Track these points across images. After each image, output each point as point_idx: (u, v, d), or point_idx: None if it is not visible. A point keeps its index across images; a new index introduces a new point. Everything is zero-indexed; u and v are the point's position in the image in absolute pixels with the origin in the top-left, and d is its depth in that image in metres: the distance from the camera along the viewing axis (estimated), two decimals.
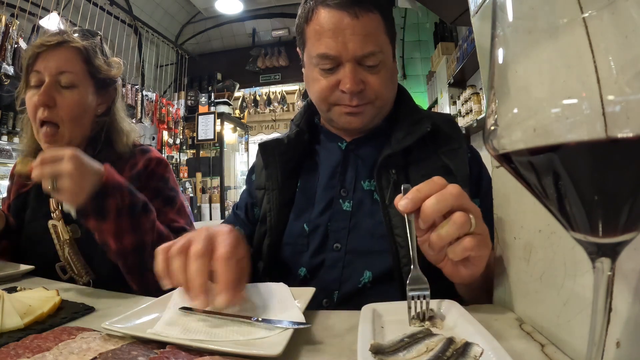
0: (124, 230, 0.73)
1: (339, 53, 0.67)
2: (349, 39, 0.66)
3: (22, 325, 0.47)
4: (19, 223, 0.92)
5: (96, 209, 0.70)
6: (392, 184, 0.69)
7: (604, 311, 0.23)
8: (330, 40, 0.67)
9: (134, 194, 0.76)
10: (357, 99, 0.70)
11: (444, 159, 0.72)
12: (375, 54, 0.68)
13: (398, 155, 0.71)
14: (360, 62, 0.68)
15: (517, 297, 0.50)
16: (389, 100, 0.76)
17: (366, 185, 0.74)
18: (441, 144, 0.74)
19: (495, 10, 0.23)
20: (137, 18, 4.57)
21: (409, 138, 0.72)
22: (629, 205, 0.20)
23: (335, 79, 0.69)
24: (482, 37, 0.57)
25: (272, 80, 5.64)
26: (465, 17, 1.81)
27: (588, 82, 0.19)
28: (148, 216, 0.77)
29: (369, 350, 0.37)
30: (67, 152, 0.66)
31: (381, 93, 0.72)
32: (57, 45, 0.84)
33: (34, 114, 0.83)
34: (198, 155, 5.25)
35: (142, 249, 0.75)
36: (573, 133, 0.19)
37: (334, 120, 0.76)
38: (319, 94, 0.72)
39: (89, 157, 0.69)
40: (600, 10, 0.19)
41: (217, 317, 0.47)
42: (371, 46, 0.67)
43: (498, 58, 0.23)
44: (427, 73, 4.45)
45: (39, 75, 0.83)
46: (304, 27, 0.73)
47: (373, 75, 0.69)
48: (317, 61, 0.70)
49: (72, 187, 0.66)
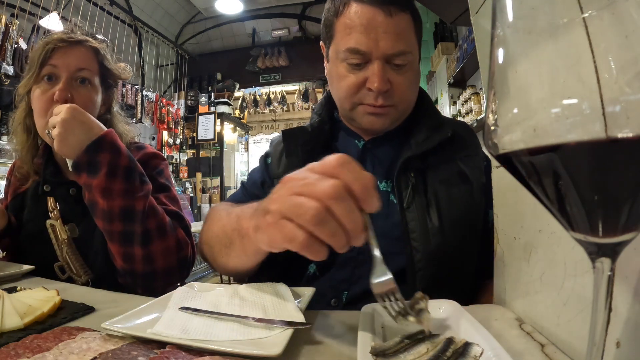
0: (114, 190, 0.72)
1: (369, 49, 0.66)
2: (381, 36, 0.65)
3: (22, 325, 0.47)
4: (17, 223, 0.91)
5: (88, 161, 0.71)
6: (410, 187, 0.68)
7: (604, 311, 0.23)
8: (362, 35, 0.66)
9: (132, 160, 0.76)
10: (382, 99, 0.69)
11: (460, 165, 0.72)
12: (405, 53, 0.68)
13: (417, 158, 0.71)
14: (388, 61, 0.68)
15: (517, 297, 0.50)
16: (412, 103, 0.76)
17: (382, 186, 0.73)
18: (458, 150, 0.73)
19: (495, 11, 0.23)
20: (137, 18, 4.58)
21: (429, 142, 0.71)
22: (629, 205, 0.20)
23: (363, 75, 0.68)
24: (482, 37, 0.57)
25: (272, 80, 5.65)
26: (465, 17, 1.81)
27: (588, 82, 0.19)
28: (143, 186, 0.76)
29: (369, 352, 0.37)
30: (68, 104, 0.67)
31: (406, 95, 0.71)
32: (77, 43, 0.85)
33: (45, 110, 0.81)
34: (198, 155, 5.25)
35: (130, 216, 0.72)
36: (573, 133, 0.19)
37: (355, 119, 0.75)
38: (345, 91, 0.71)
39: (90, 116, 0.71)
40: (600, 10, 0.19)
41: (217, 317, 0.47)
42: (402, 45, 0.67)
43: (498, 58, 0.23)
44: (427, 73, 4.44)
45: (54, 70, 0.83)
46: (333, 20, 0.71)
47: (400, 76, 0.69)
48: (345, 55, 0.69)
49: (62, 133, 0.67)
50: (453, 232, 0.66)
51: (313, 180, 0.39)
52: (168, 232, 0.78)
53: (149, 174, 0.88)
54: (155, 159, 0.95)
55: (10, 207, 0.93)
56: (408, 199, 0.68)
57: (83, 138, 0.71)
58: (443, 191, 0.69)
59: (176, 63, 5.68)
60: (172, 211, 0.85)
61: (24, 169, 0.92)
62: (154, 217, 0.76)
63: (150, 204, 0.77)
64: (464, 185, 0.70)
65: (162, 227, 0.77)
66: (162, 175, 0.93)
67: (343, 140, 0.80)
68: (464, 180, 0.70)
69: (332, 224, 0.38)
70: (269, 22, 5.51)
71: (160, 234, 0.76)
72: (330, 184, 0.38)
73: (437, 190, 0.69)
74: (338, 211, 0.38)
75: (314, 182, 0.39)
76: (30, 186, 0.92)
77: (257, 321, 0.45)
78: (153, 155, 0.95)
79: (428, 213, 0.67)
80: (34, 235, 0.87)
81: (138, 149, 0.95)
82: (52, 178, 0.90)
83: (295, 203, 0.39)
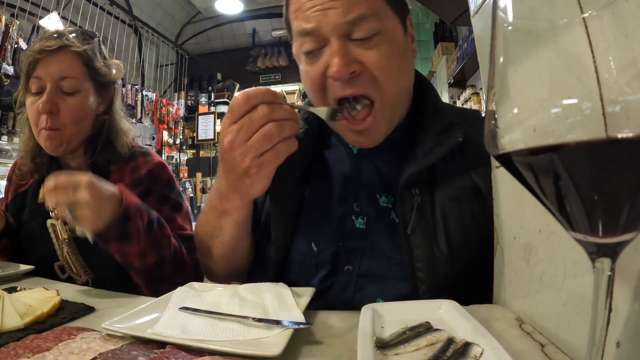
0: (146, 250, 0.74)
1: (318, 23, 0.55)
2: (328, 4, 0.54)
3: (22, 325, 0.47)
4: (17, 223, 0.92)
5: (119, 233, 0.70)
6: (415, 209, 0.58)
7: (604, 311, 0.23)
8: (308, 11, 0.55)
9: (149, 211, 0.76)
10: (351, 86, 0.56)
11: (474, 176, 0.60)
12: (365, 18, 0.54)
13: (423, 171, 0.59)
14: (350, 36, 0.55)
15: (517, 297, 0.50)
16: (403, 88, 0.62)
17: (383, 201, 0.63)
18: (471, 158, 0.60)
19: (495, 10, 0.23)
20: (137, 18, 4.57)
21: (436, 151, 0.59)
22: (629, 205, 0.20)
23: (322, 63, 0.56)
24: (482, 37, 0.57)
25: (272, 80, 5.64)
26: (465, 17, 1.81)
27: (588, 82, 0.19)
28: (164, 231, 0.79)
29: (374, 344, 0.37)
30: (83, 179, 0.64)
31: (387, 76, 0.56)
32: (57, 50, 0.83)
33: (36, 120, 0.83)
34: (198, 155, 5.25)
35: (162, 264, 0.76)
36: (573, 133, 0.19)
37: (340, 134, 0.65)
38: (311, 90, 0.61)
39: (103, 181, 0.68)
40: (600, 10, 0.19)
41: (217, 317, 0.47)
42: (359, 8, 0.54)
43: (498, 58, 0.23)
44: (427, 73, 4.44)
45: (39, 82, 0.83)
46: (287, 15, 0.62)
47: (370, 51, 0.55)
48: (299, 44, 0.59)
49: (92, 215, 0.65)
50: (464, 260, 0.57)
51: (240, 128, 0.53)
52: (187, 263, 0.82)
53: (162, 192, 0.91)
54: (165, 170, 0.95)
55: (10, 206, 0.93)
56: (412, 223, 0.58)
57: (105, 211, 0.68)
58: (453, 211, 0.59)
59: (176, 63, 5.68)
60: (187, 236, 0.88)
61: (25, 168, 0.92)
62: (176, 255, 0.81)
63: (173, 244, 0.79)
64: (476, 202, 0.59)
65: (182, 261, 0.82)
66: (173, 190, 0.94)
67: (335, 148, 0.70)
68: (477, 196, 0.59)
69: (280, 111, 0.52)
70: (269, 22, 5.51)
71: (182, 266, 0.81)
72: (238, 103, 0.53)
73: (446, 211, 0.59)
74: (276, 114, 0.52)
75: (244, 128, 0.52)
76: (31, 186, 0.92)
77: (257, 321, 0.45)
78: (160, 166, 0.95)
79: (435, 239, 0.58)
80: (34, 235, 0.88)
81: (144, 155, 0.95)
82: None
83: (254, 140, 0.53)
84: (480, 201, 0.59)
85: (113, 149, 0.92)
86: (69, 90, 0.84)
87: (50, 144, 0.85)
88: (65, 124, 0.84)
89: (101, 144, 0.91)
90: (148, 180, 0.91)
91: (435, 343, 0.39)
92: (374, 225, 0.63)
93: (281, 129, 0.52)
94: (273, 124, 0.52)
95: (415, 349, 0.38)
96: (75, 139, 0.88)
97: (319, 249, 0.64)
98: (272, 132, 0.52)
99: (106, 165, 0.91)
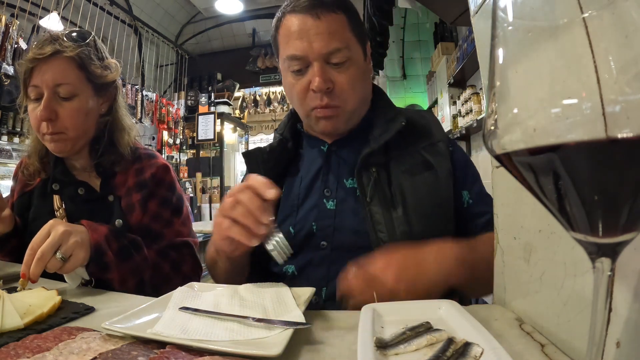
0: (126, 275, 0.77)
1: (305, 53, 0.71)
2: (313, 38, 0.70)
3: (22, 325, 0.47)
4: (23, 222, 0.92)
5: (99, 266, 0.73)
6: (372, 181, 0.72)
7: (604, 311, 0.23)
8: (297, 41, 0.71)
9: (118, 237, 0.78)
10: (327, 98, 0.72)
11: (424, 154, 0.75)
12: (340, 50, 0.71)
13: (378, 153, 0.74)
14: (327, 61, 0.72)
15: (517, 297, 0.50)
16: (362, 101, 0.79)
17: (349, 183, 0.76)
18: (420, 139, 0.77)
19: (495, 10, 0.23)
20: (137, 18, 4.58)
21: (385, 135, 0.74)
22: (629, 205, 0.20)
23: (307, 80, 0.73)
24: (482, 37, 0.57)
25: (272, 80, 5.65)
26: (465, 17, 1.81)
27: (588, 82, 0.19)
28: (140, 253, 0.80)
29: (374, 344, 0.38)
30: (58, 229, 0.67)
31: (350, 93, 0.74)
32: (50, 57, 0.82)
33: (37, 126, 0.84)
34: (198, 155, 5.25)
35: (142, 285, 0.79)
36: (573, 133, 0.19)
37: (312, 126, 0.80)
38: (296, 99, 0.76)
39: (65, 223, 0.71)
40: (600, 10, 0.19)
41: (217, 317, 0.47)
42: (336, 43, 0.71)
43: (498, 58, 0.23)
44: (427, 73, 4.44)
45: (37, 89, 0.83)
46: (276, 36, 0.78)
47: (341, 74, 0.72)
48: (288, 64, 0.74)
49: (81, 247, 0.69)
50: (419, 220, 0.69)
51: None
52: (170, 279, 0.84)
53: (165, 195, 0.92)
54: (168, 174, 0.96)
55: (16, 205, 0.93)
56: (370, 193, 0.71)
57: (87, 246, 0.72)
58: (407, 181, 0.72)
59: (176, 63, 5.68)
60: (180, 243, 0.90)
61: (32, 168, 0.92)
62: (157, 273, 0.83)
63: (151, 264, 0.82)
64: (428, 173, 0.73)
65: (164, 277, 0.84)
66: (175, 193, 0.95)
67: (308, 148, 0.85)
68: (428, 168, 0.74)
69: (241, 208, 0.57)
70: (269, 22, 5.47)
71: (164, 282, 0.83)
72: (236, 187, 0.60)
73: (400, 181, 0.72)
74: (243, 198, 0.57)
75: (230, 194, 0.60)
76: (38, 185, 0.92)
77: (257, 321, 0.45)
78: (165, 169, 0.96)
79: (392, 204, 0.71)
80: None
81: (149, 157, 0.96)
82: (62, 177, 0.91)
83: (221, 207, 0.60)
84: (431, 172, 0.74)
85: (116, 150, 0.92)
86: (66, 95, 0.84)
87: (56, 147, 0.86)
88: (66, 127, 0.85)
89: (103, 145, 0.91)
90: (152, 184, 0.91)
91: (435, 343, 0.39)
92: (343, 205, 0.75)
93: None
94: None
95: (415, 349, 0.38)
96: (80, 140, 0.88)
97: (296, 230, 0.76)
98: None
99: (110, 167, 0.91)
